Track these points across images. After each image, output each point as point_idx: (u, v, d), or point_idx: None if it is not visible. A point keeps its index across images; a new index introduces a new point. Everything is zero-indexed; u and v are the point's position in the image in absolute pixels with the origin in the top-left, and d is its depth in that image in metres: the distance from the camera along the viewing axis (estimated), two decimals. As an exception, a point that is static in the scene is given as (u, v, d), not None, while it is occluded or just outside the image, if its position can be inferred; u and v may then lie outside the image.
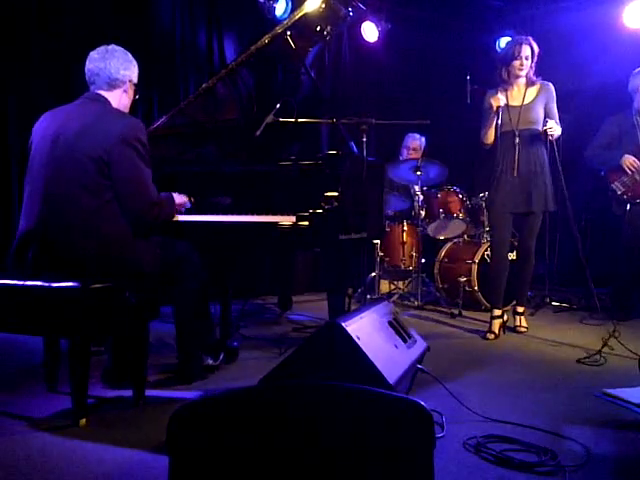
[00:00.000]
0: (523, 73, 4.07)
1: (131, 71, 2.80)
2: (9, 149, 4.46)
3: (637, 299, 4.89)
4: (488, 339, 4.11)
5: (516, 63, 4.04)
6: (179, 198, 3.03)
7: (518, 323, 4.32)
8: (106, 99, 2.73)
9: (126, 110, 2.84)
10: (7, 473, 2.00)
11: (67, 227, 2.54)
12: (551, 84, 4.15)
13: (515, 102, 4.10)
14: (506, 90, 4.13)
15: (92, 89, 2.76)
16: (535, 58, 4.08)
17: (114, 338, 2.89)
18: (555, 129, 3.97)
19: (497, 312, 4.21)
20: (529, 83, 4.11)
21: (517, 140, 4.03)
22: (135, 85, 2.85)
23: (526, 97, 4.09)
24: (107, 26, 4.73)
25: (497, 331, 4.16)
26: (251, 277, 5.52)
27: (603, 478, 2.01)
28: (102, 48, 2.75)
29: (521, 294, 4.38)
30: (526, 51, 4.04)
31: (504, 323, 4.24)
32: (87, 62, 2.75)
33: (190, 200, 3.15)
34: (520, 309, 4.37)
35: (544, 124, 4.00)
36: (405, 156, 5.96)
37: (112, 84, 2.73)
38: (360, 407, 1.42)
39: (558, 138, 4.07)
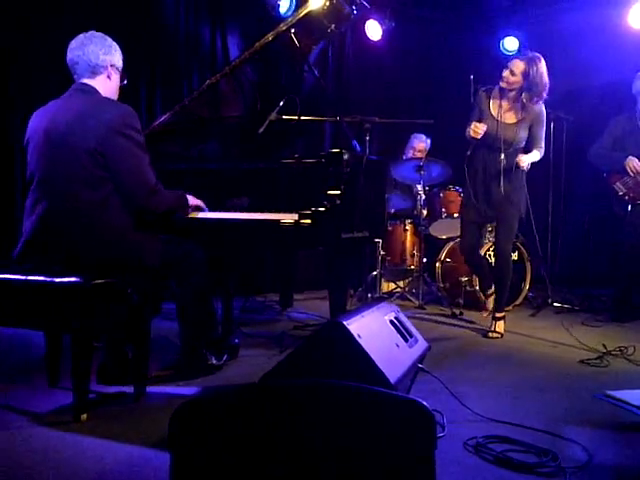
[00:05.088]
0: (503, 85, 3.97)
1: (112, 55, 2.71)
2: (13, 147, 4.46)
3: (639, 300, 4.88)
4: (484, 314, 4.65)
5: (503, 73, 3.98)
6: (194, 200, 2.99)
7: (492, 328, 4.20)
8: (93, 88, 2.67)
9: (114, 96, 2.77)
10: (7, 468, 2.00)
11: (69, 223, 2.54)
12: (542, 106, 4.05)
13: (502, 115, 4.01)
14: (501, 99, 4.03)
15: (76, 79, 2.71)
16: (534, 83, 3.87)
17: (110, 335, 2.88)
18: (524, 163, 3.96)
19: (490, 291, 4.56)
20: (520, 106, 4.00)
21: (502, 157, 3.95)
22: (120, 70, 2.78)
23: (510, 116, 4.04)
24: (111, 22, 4.71)
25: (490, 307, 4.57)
26: (253, 274, 5.52)
27: (603, 480, 2.02)
28: (80, 36, 2.68)
29: (498, 301, 4.30)
30: (513, 65, 3.93)
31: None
32: (67, 53, 2.69)
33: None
34: (498, 314, 4.25)
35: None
36: (409, 156, 5.95)
37: (93, 70, 2.66)
38: (361, 406, 1.42)
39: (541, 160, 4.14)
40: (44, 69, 4.44)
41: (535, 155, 4.06)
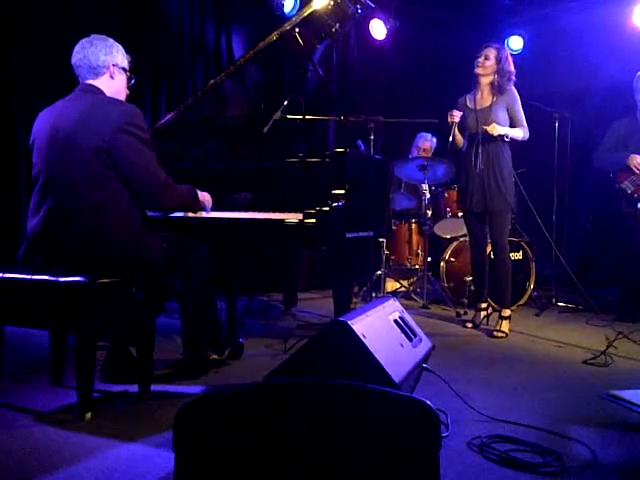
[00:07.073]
0: (479, 71, 4.19)
1: (113, 55, 2.71)
2: (17, 147, 4.46)
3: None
4: (467, 327, 4.43)
5: (476, 61, 4.19)
6: (202, 195, 2.98)
7: (498, 327, 4.19)
8: (98, 88, 2.68)
9: (120, 96, 2.77)
10: (11, 466, 2.00)
11: (74, 222, 2.54)
12: (513, 87, 4.22)
13: (478, 105, 4.23)
14: (475, 94, 4.27)
15: (81, 81, 2.73)
16: (505, 67, 4.13)
17: (115, 334, 2.89)
18: (493, 130, 4.03)
19: (482, 305, 4.51)
20: (495, 90, 4.19)
21: (479, 142, 4.14)
22: (125, 70, 2.78)
23: (486, 101, 4.22)
24: (116, 22, 4.73)
25: (477, 322, 4.46)
26: (257, 274, 5.52)
27: (608, 480, 2.01)
28: (83, 40, 2.71)
29: (501, 297, 4.31)
30: (486, 51, 4.18)
31: (487, 315, 4.50)
32: (72, 57, 2.71)
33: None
34: (504, 313, 4.25)
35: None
36: (415, 155, 5.94)
37: (95, 72, 2.68)
38: (366, 406, 1.42)
39: (525, 139, 4.20)
40: (49, 70, 4.44)
41: (517, 131, 4.16)
